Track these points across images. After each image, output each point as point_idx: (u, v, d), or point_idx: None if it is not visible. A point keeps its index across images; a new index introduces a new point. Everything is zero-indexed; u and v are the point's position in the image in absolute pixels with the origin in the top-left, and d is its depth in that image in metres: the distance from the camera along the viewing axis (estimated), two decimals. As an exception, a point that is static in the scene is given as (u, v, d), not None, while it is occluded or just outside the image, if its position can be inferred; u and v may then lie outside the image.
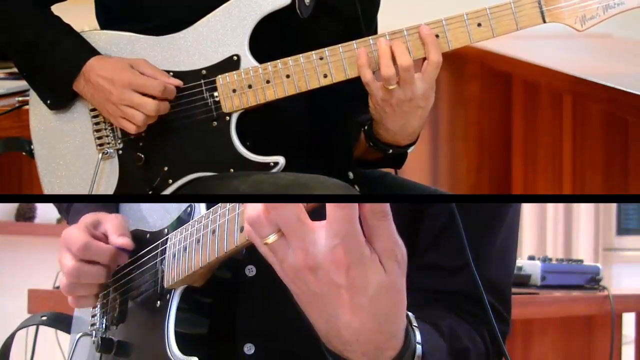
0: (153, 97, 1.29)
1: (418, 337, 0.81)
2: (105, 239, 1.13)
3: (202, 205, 1.02)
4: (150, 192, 1.36)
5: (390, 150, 1.36)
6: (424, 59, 1.27)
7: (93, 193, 1.38)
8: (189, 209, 1.05)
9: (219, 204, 0.94)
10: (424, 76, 1.26)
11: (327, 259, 0.71)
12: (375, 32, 1.49)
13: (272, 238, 0.74)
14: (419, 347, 0.80)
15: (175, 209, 1.08)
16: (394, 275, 0.72)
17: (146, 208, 1.17)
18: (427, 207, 1.04)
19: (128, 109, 1.30)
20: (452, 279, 1.01)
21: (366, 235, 0.71)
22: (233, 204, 0.90)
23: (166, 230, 1.08)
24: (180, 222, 1.05)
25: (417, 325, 0.81)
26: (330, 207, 0.70)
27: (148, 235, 1.11)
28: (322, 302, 0.73)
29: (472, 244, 1.01)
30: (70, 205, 1.30)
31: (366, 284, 0.71)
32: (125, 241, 1.11)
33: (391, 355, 0.77)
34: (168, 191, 1.36)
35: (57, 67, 1.34)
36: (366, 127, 1.37)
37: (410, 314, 0.80)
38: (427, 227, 1.03)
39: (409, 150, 1.40)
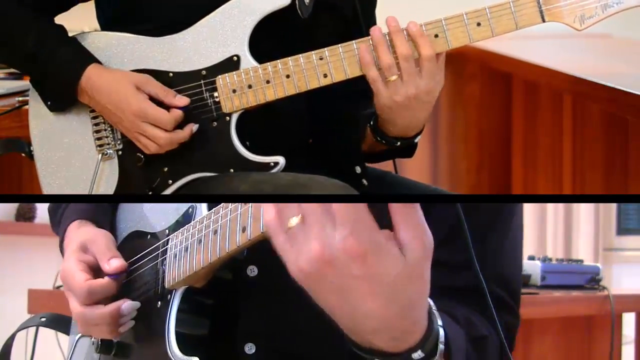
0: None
1: (440, 321, 0.81)
2: (95, 260, 1.12)
3: (204, 206, 1.02)
4: (150, 193, 1.36)
5: (399, 143, 1.37)
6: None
7: (93, 194, 1.38)
8: (191, 209, 1.05)
9: (221, 204, 0.94)
10: (423, 72, 1.26)
11: (341, 250, 0.70)
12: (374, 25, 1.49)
13: (294, 220, 0.73)
14: (441, 331, 0.81)
15: (176, 210, 1.08)
16: (415, 262, 0.72)
17: (147, 209, 1.17)
18: (434, 206, 1.04)
19: (142, 137, 1.31)
20: (462, 275, 1.01)
21: (393, 223, 0.71)
22: (235, 204, 0.90)
23: (167, 231, 1.08)
24: (181, 222, 1.05)
25: (436, 310, 0.82)
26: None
27: (149, 236, 1.11)
28: (343, 295, 0.73)
29: (483, 239, 1.03)
30: (62, 215, 1.30)
31: (384, 272, 0.71)
32: (118, 264, 1.10)
33: (417, 338, 0.78)
34: (168, 191, 1.36)
35: (57, 77, 1.34)
36: (372, 123, 1.37)
37: (429, 299, 0.80)
38: (436, 224, 1.03)
39: (416, 140, 1.40)
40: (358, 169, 1.40)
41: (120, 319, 1.09)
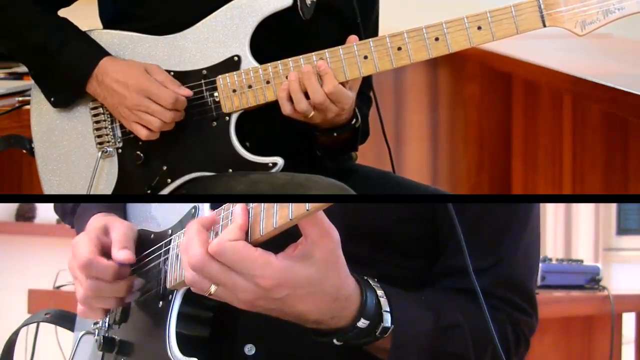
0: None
1: (380, 297, 0.95)
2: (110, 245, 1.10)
3: (206, 206, 1.03)
4: (148, 191, 1.36)
5: (335, 134, 1.38)
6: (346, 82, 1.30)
7: (92, 191, 1.39)
8: (194, 209, 1.05)
9: (223, 206, 0.94)
10: (335, 101, 1.29)
11: (257, 290, 0.88)
12: (375, 25, 1.50)
13: (212, 289, 0.90)
14: (384, 303, 0.95)
15: (179, 210, 1.08)
16: (328, 254, 0.88)
17: (152, 208, 1.17)
18: (444, 212, 1.04)
19: (144, 114, 1.30)
20: (479, 279, 1.01)
21: (300, 230, 0.87)
22: (236, 205, 0.91)
23: (170, 231, 1.08)
24: (184, 223, 1.05)
25: (377, 285, 0.96)
26: (228, 251, 0.87)
27: (152, 236, 1.11)
28: (280, 310, 0.90)
29: (495, 245, 1.06)
30: (77, 205, 1.30)
31: (298, 283, 0.88)
32: (126, 255, 1.08)
33: (354, 311, 0.93)
34: (166, 190, 1.36)
35: (68, 69, 1.35)
36: None
37: (369, 280, 0.95)
38: (447, 231, 1.04)
39: (355, 125, 1.40)
40: (318, 152, 1.44)
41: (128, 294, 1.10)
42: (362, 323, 0.93)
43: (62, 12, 1.42)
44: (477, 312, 0.99)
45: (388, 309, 0.94)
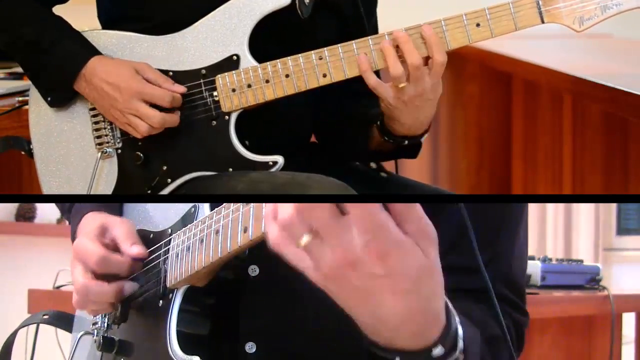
0: (161, 107, 1.30)
1: (457, 318, 0.80)
2: (114, 245, 1.11)
3: (206, 206, 1.03)
4: (149, 191, 1.36)
5: (406, 142, 1.37)
6: (428, 57, 1.27)
7: (92, 192, 1.39)
8: (193, 209, 1.05)
9: (224, 205, 0.94)
10: (432, 73, 1.27)
11: (365, 253, 0.68)
12: (375, 27, 1.50)
13: (305, 239, 0.70)
14: (459, 327, 0.80)
15: (179, 209, 1.08)
16: (432, 255, 0.72)
17: (150, 208, 1.17)
18: (442, 211, 1.04)
19: (133, 117, 1.30)
20: (473, 278, 1.01)
21: (396, 221, 0.69)
22: (237, 204, 0.90)
23: (170, 230, 1.08)
24: (184, 222, 1.05)
25: (452, 307, 0.80)
26: (350, 205, 0.67)
27: (152, 235, 1.11)
28: (365, 295, 0.72)
29: (493, 243, 1.05)
30: (72, 204, 1.30)
31: (407, 269, 0.70)
32: (140, 250, 1.08)
33: (436, 333, 0.77)
34: (167, 190, 1.36)
35: (58, 66, 1.35)
36: (379, 122, 1.37)
37: (445, 297, 0.79)
38: (445, 229, 1.04)
39: (422, 139, 1.40)
40: (374, 165, 1.44)
41: (119, 299, 1.08)
42: (440, 351, 0.77)
43: (62, 12, 1.42)
44: (487, 312, 0.99)
45: (462, 335, 0.81)
